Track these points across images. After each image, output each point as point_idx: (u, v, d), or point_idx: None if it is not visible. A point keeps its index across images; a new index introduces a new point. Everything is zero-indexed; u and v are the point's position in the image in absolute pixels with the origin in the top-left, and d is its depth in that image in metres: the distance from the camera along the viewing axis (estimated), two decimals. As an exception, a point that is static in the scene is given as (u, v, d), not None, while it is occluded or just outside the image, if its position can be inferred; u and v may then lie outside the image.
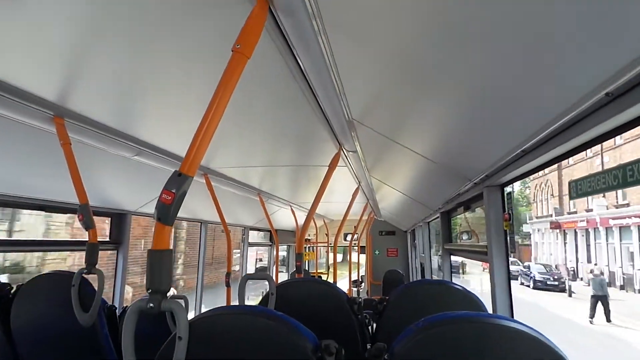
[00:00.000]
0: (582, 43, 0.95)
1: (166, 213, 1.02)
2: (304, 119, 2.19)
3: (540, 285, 22.61)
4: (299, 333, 1.15)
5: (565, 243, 28.47)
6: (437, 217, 4.41)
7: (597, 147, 21.31)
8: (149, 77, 1.66)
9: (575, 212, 26.56)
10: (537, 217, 33.76)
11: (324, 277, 9.10)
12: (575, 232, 26.71)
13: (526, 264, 26.27)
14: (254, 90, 1.77)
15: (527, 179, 36.22)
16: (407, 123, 2.18)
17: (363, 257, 9.88)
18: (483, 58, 1.21)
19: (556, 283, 22.36)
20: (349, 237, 7.72)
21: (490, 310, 2.21)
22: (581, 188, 1.45)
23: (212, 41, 1.34)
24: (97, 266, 2.14)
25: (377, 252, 9.69)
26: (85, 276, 2.13)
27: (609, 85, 0.99)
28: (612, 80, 0.97)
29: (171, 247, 1.06)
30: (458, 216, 3.91)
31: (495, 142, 1.83)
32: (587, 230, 25.12)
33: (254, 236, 7.49)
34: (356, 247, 9.79)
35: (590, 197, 23.35)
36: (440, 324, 1.12)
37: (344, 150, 2.71)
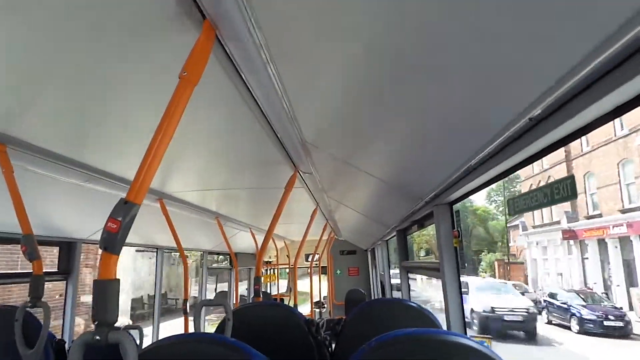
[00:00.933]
0: (506, 73, 1.05)
1: (112, 242, 1.00)
2: (258, 142, 2.21)
3: (593, 328, 14.15)
4: (252, 357, 1.15)
5: (584, 259, 20.70)
6: (394, 235, 4.51)
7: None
8: (97, 102, 1.63)
9: (600, 216, 18.96)
10: (533, 227, 26.13)
11: (285, 300, 8.98)
12: (601, 243, 19.07)
13: (548, 291, 18.36)
14: (206, 114, 1.78)
15: (513, 181, 34.10)
16: (359, 146, 2.25)
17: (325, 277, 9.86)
18: (427, 84, 1.29)
19: (620, 324, 13.93)
20: (310, 258, 7.69)
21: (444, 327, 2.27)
22: (517, 205, 1.56)
23: (159, 68, 1.34)
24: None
25: (338, 272, 9.70)
26: (30, 310, 2.01)
27: (531, 111, 1.09)
28: (532, 107, 1.07)
29: (118, 277, 1.03)
30: (418, 233, 4.02)
31: (442, 162, 1.93)
32: (624, 239, 17.30)
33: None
34: (317, 268, 9.76)
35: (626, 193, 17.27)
36: (391, 342, 1.15)
37: (300, 172, 2.75)
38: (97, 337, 0.99)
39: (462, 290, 2.24)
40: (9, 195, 1.92)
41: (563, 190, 1.25)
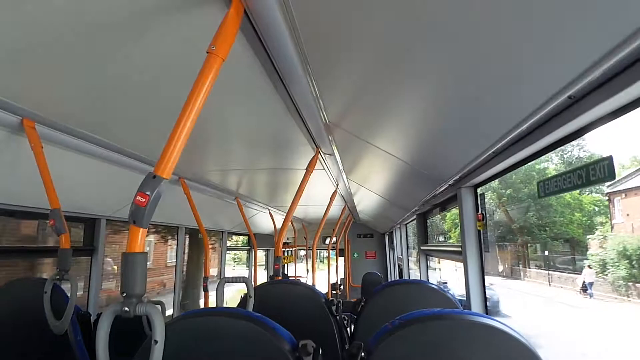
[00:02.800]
0: (544, 49, 1.00)
1: (141, 215, 1.01)
2: (280, 122, 2.20)
3: None
4: (276, 334, 1.16)
5: None
6: (414, 219, 4.48)
7: None
8: (123, 79, 1.64)
9: None
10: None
11: (302, 281, 9.08)
12: None
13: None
14: (229, 92, 1.77)
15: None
16: (383, 126, 2.22)
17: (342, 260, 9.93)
18: (456, 62, 1.25)
19: None
20: (327, 241, 7.73)
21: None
22: (548, 188, 1.51)
23: (187, 43, 1.33)
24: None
25: (355, 255, 9.75)
26: (58, 282, 2.07)
27: (571, 89, 1.04)
28: (573, 84, 1.02)
29: (146, 250, 1.05)
30: (439, 216, 3.98)
31: (468, 145, 1.88)
32: None
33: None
34: (335, 250, 9.84)
35: None
36: (415, 321, 1.15)
37: (321, 153, 2.73)
38: (126, 309, 1.01)
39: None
40: (38, 171, 1.97)
41: (600, 171, 1.20)
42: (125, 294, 1.02)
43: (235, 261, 10.90)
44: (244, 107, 2.02)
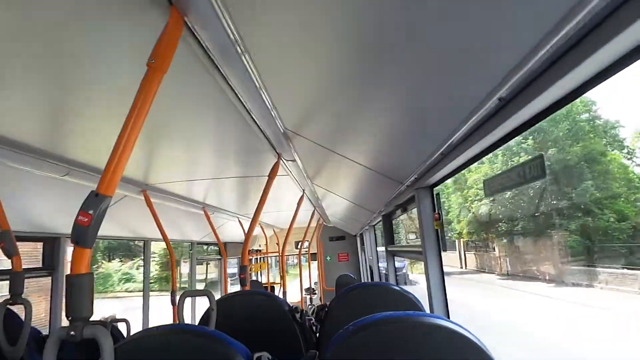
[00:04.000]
0: (475, 55, 1.05)
1: (84, 236, 0.99)
2: (239, 131, 2.20)
3: None
4: (230, 348, 1.16)
5: None
6: (380, 220, 4.55)
7: None
8: (69, 92, 1.60)
9: None
10: None
11: (276, 287, 9.04)
12: None
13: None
14: (184, 104, 1.76)
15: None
16: (340, 132, 2.25)
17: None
18: (400, 69, 1.29)
19: None
20: (299, 245, 7.73)
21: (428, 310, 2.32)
22: (493, 186, 1.60)
23: (129, 55, 1.32)
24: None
25: (328, 258, 9.77)
26: (11, 307, 2.00)
27: (500, 90, 1.10)
28: (500, 86, 1.08)
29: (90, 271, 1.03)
30: (402, 217, 4.05)
31: (420, 146, 1.94)
32: None
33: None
34: (307, 254, 9.83)
35: None
36: (369, 325, 1.17)
37: (283, 160, 2.75)
38: (72, 333, 0.99)
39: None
40: None
41: (534, 169, 1.27)
42: (70, 318, 1.00)
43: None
44: (200, 117, 2.01)
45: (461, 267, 18.56)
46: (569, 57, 0.90)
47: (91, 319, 1.04)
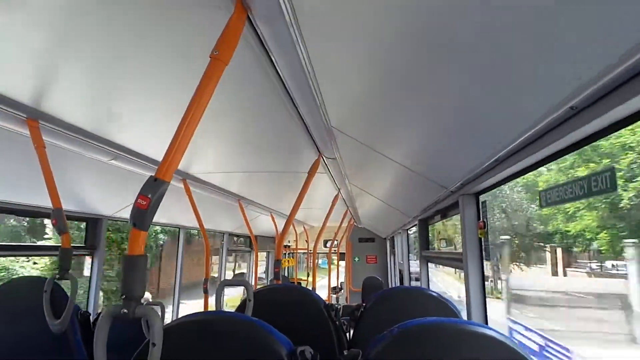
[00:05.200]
0: (548, 60, 1.00)
1: (142, 218, 1.01)
2: (283, 126, 2.20)
3: None
4: (274, 339, 1.16)
5: None
6: (416, 225, 4.47)
7: None
8: (126, 80, 1.65)
9: None
10: None
11: (303, 284, 9.09)
12: None
13: None
14: (232, 96, 1.77)
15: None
16: (385, 132, 2.22)
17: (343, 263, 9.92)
18: (459, 71, 1.25)
19: None
20: (329, 244, 7.73)
21: (465, 317, 2.25)
22: (550, 197, 1.51)
23: (190, 47, 1.34)
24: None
25: (356, 259, 9.73)
26: (58, 282, 2.08)
27: (574, 99, 1.04)
28: (575, 94, 1.02)
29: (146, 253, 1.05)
30: (439, 223, 3.97)
31: (470, 152, 1.88)
32: None
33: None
34: (336, 254, 9.82)
35: None
36: (413, 330, 1.14)
37: (324, 157, 2.74)
38: (125, 311, 1.01)
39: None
40: (41, 170, 1.98)
41: (602, 182, 1.20)
42: (124, 296, 1.02)
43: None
44: (247, 110, 2.03)
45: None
46: None
47: None
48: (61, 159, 2.24)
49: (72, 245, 2.14)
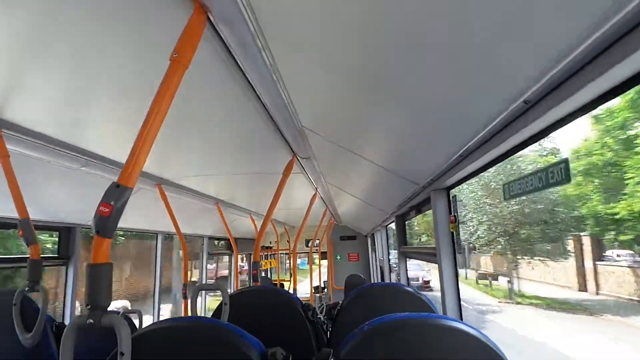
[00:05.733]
0: (500, 56, 1.03)
1: (104, 226, 1.00)
2: (255, 127, 2.20)
3: None
4: (245, 341, 1.16)
5: None
6: (393, 221, 4.52)
7: None
8: (91, 85, 1.62)
9: None
10: None
11: (286, 285, 9.07)
12: None
13: None
14: (201, 98, 1.77)
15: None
16: (357, 131, 2.24)
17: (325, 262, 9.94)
18: (422, 70, 1.28)
19: None
20: (310, 243, 7.74)
21: (440, 312, 2.29)
22: (512, 190, 1.57)
23: (152, 49, 1.33)
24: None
25: (338, 257, 9.76)
26: (28, 294, 2.03)
27: (525, 93, 1.08)
28: (527, 89, 1.06)
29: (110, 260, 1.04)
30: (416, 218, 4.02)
31: (437, 149, 1.92)
32: None
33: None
34: (317, 253, 9.83)
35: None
36: (384, 326, 1.16)
37: (298, 157, 2.75)
38: (91, 321, 1.00)
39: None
40: (5, 180, 1.93)
41: (557, 174, 1.25)
42: (89, 306, 1.01)
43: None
44: (217, 113, 2.02)
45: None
46: (599, 62, 0.88)
47: None
48: (28, 167, 2.19)
49: (42, 256, 2.10)
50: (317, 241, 7.79)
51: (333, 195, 4.98)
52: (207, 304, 6.95)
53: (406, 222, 4.33)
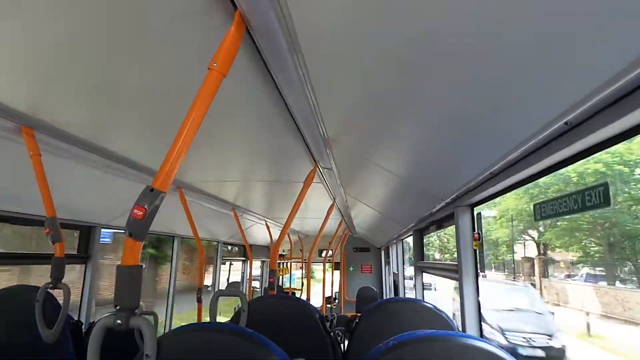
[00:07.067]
0: (544, 76, 1.01)
1: (137, 228, 1.01)
2: (279, 136, 2.21)
3: None
4: (268, 351, 1.15)
5: None
6: (411, 235, 4.47)
7: None
8: (124, 89, 1.65)
9: None
10: None
11: (297, 294, 9.03)
12: None
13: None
14: (230, 106, 1.78)
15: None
16: (382, 143, 2.23)
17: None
18: (455, 85, 1.26)
19: None
20: (323, 254, 7.71)
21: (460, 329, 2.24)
22: (544, 211, 1.52)
23: (189, 58, 1.35)
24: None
25: (351, 269, 9.70)
26: (51, 291, 2.05)
27: (568, 115, 1.06)
28: (570, 110, 1.03)
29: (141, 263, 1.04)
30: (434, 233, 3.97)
31: (466, 165, 1.89)
32: None
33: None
34: (330, 263, 9.78)
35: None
36: (408, 342, 1.14)
37: (320, 167, 2.74)
38: (119, 322, 1.00)
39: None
40: (35, 178, 1.96)
41: (595, 197, 1.21)
42: (118, 307, 1.01)
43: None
44: (245, 121, 2.03)
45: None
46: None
47: None
48: (56, 167, 2.22)
49: (67, 253, 2.12)
50: (331, 251, 7.75)
51: (350, 206, 4.95)
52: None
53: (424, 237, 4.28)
